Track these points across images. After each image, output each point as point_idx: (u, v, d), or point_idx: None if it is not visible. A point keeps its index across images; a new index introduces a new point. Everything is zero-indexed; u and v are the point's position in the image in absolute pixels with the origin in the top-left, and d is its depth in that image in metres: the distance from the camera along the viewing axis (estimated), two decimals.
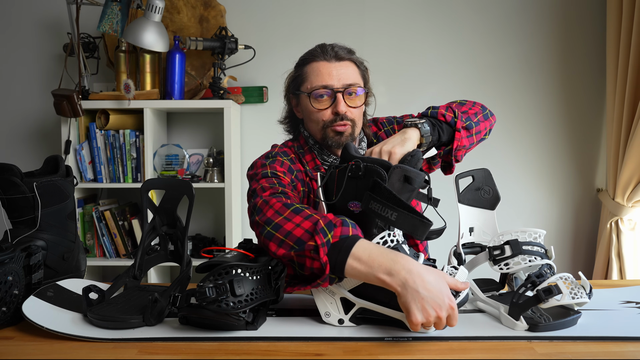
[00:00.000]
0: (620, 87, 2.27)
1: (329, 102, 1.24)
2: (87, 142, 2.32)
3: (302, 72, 1.28)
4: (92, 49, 2.41)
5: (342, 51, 1.26)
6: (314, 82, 1.24)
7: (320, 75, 1.24)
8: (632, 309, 1.01)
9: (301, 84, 1.28)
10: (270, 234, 0.95)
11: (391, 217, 0.87)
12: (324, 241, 0.88)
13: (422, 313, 0.82)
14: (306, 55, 1.29)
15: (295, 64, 1.33)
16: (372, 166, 0.92)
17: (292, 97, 1.34)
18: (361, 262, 0.87)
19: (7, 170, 1.01)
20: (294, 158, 1.29)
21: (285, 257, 0.94)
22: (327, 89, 1.23)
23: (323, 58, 1.25)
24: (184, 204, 1.07)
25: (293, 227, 0.93)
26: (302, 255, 0.91)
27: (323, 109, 1.24)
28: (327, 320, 0.94)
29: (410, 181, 0.92)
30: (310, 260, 0.90)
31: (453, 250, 1.08)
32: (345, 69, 1.25)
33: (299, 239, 0.91)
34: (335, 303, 0.93)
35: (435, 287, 0.84)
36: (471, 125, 1.25)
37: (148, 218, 1.10)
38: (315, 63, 1.26)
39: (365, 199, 0.90)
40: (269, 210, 0.99)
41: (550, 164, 2.57)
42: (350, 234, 0.90)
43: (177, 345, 0.85)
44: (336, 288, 0.93)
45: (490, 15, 2.53)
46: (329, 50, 1.26)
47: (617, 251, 2.35)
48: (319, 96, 1.23)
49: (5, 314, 0.93)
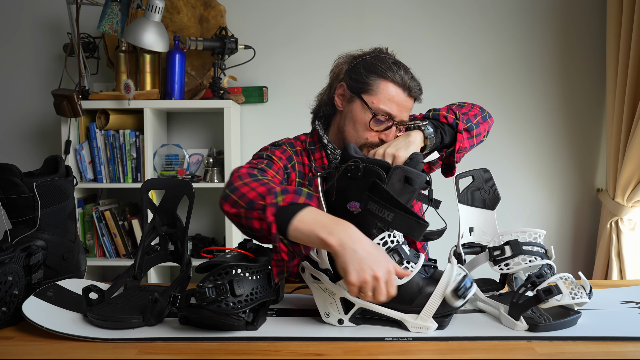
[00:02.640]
0: (620, 87, 2.27)
1: (383, 127, 1.22)
2: (87, 142, 2.32)
3: (373, 82, 1.22)
4: (92, 49, 2.41)
5: (416, 89, 1.24)
6: (382, 104, 1.21)
7: (392, 102, 1.21)
8: (632, 309, 1.01)
9: (366, 93, 1.22)
10: (227, 195, 0.99)
11: (387, 218, 0.87)
12: (273, 202, 0.91)
13: (359, 273, 0.84)
14: (385, 67, 1.22)
15: (362, 57, 1.26)
16: (371, 167, 0.92)
17: (344, 89, 1.27)
18: (304, 222, 0.88)
19: (7, 170, 1.01)
20: (300, 151, 1.30)
21: (235, 215, 0.97)
22: (390, 118, 1.22)
23: (401, 84, 1.21)
24: (184, 204, 1.07)
25: (248, 190, 0.97)
26: (251, 215, 0.93)
27: (376, 131, 1.23)
28: (327, 320, 0.94)
29: (411, 182, 0.92)
30: (259, 222, 0.92)
31: (453, 251, 1.08)
32: (409, 106, 1.25)
33: (250, 200, 0.95)
34: (335, 303, 0.93)
35: (374, 251, 0.86)
36: (472, 127, 1.25)
37: (148, 218, 1.10)
38: (392, 85, 1.21)
39: (364, 200, 0.90)
40: (234, 177, 1.03)
41: (550, 164, 2.57)
42: (300, 202, 0.92)
43: (177, 345, 0.85)
44: (336, 288, 0.93)
45: (490, 15, 2.53)
46: (409, 80, 1.22)
47: (617, 251, 2.35)
48: (380, 120, 1.22)
49: (5, 314, 0.93)
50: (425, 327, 0.90)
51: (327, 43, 2.52)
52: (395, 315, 0.91)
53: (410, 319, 0.91)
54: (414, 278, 0.92)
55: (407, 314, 0.91)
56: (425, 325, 0.90)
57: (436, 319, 0.90)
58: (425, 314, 0.90)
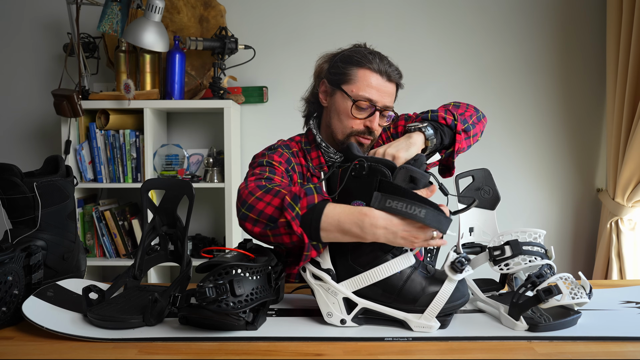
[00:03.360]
0: (620, 87, 2.27)
1: (366, 114, 1.25)
2: (87, 142, 2.32)
3: (351, 72, 1.25)
4: (92, 49, 2.41)
5: (395, 74, 1.27)
6: (362, 91, 1.24)
7: (371, 88, 1.24)
8: (632, 309, 1.02)
9: (346, 83, 1.26)
10: (245, 215, 1.00)
11: (420, 215, 0.88)
12: (293, 215, 0.94)
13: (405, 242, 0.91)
14: (360, 57, 1.26)
15: (340, 53, 1.30)
16: (376, 166, 0.93)
17: (326, 85, 1.31)
18: (331, 224, 0.92)
19: (7, 170, 1.01)
20: (296, 152, 1.32)
21: (261, 235, 0.99)
22: (370, 104, 1.24)
23: (378, 71, 1.24)
24: (184, 204, 1.07)
25: (264, 206, 0.98)
26: (278, 232, 0.96)
27: (360, 119, 1.25)
28: (329, 320, 0.93)
29: (416, 182, 0.92)
30: (288, 236, 0.95)
31: (453, 250, 1.08)
32: (391, 91, 1.28)
33: (270, 216, 0.97)
34: (338, 303, 0.93)
35: (399, 223, 0.91)
36: (469, 127, 1.26)
37: (148, 218, 1.10)
38: (369, 72, 1.24)
39: (378, 199, 0.90)
40: (245, 193, 1.03)
41: (550, 164, 2.57)
42: (315, 201, 0.94)
43: (177, 345, 0.85)
44: (339, 288, 0.93)
45: (490, 15, 2.53)
46: (385, 65, 1.25)
47: (617, 251, 2.35)
48: (361, 107, 1.24)
49: (5, 314, 0.93)
50: (428, 327, 0.90)
51: (327, 43, 2.48)
52: (398, 315, 0.91)
53: (414, 318, 0.91)
54: (417, 278, 0.92)
55: (410, 314, 0.91)
56: (428, 324, 0.90)
57: (438, 318, 0.91)
58: (430, 313, 0.90)
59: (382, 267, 0.92)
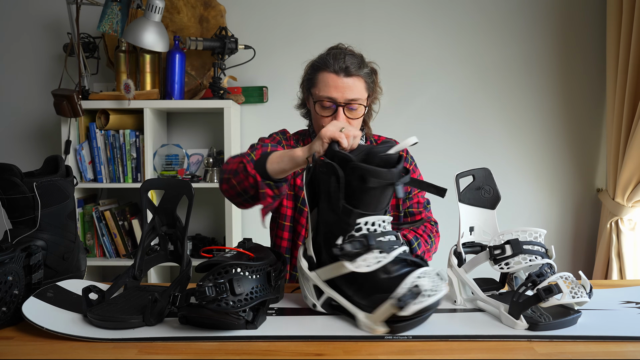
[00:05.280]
0: (620, 87, 2.27)
1: (331, 111, 1.34)
2: (87, 142, 2.32)
3: (314, 76, 1.36)
4: (92, 49, 2.41)
5: (353, 66, 1.32)
6: (321, 91, 1.33)
7: (327, 87, 1.32)
8: (632, 309, 1.01)
9: (312, 87, 1.37)
10: (220, 179, 1.21)
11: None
12: (249, 159, 1.13)
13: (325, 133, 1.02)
14: (319, 61, 1.36)
15: (311, 61, 1.41)
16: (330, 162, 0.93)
17: (303, 91, 1.44)
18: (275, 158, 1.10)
19: (7, 170, 1.01)
20: (290, 136, 1.49)
21: (231, 187, 1.16)
22: (331, 101, 1.32)
23: (333, 70, 1.32)
24: (183, 204, 1.07)
25: (231, 164, 1.18)
26: (240, 178, 1.13)
27: (325, 117, 1.35)
28: (305, 301, 1.01)
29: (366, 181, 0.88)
30: (246, 179, 1.12)
31: (453, 250, 1.08)
32: (352, 84, 1.32)
33: (234, 169, 1.16)
34: (310, 289, 0.99)
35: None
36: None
37: (148, 218, 1.10)
38: (325, 73, 1.33)
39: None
40: (223, 166, 1.23)
41: (550, 164, 2.57)
42: (268, 150, 1.12)
43: (177, 345, 0.85)
44: (311, 275, 0.98)
45: (490, 15, 2.53)
46: (340, 63, 1.31)
47: (617, 251, 2.35)
48: (323, 106, 1.34)
49: (5, 314, 0.93)
50: (373, 330, 0.87)
51: (327, 43, 2.47)
52: (350, 308, 0.92)
53: (362, 316, 0.89)
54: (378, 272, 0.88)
55: (360, 311, 0.90)
56: (373, 327, 0.87)
57: (390, 324, 0.86)
58: (376, 317, 0.87)
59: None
